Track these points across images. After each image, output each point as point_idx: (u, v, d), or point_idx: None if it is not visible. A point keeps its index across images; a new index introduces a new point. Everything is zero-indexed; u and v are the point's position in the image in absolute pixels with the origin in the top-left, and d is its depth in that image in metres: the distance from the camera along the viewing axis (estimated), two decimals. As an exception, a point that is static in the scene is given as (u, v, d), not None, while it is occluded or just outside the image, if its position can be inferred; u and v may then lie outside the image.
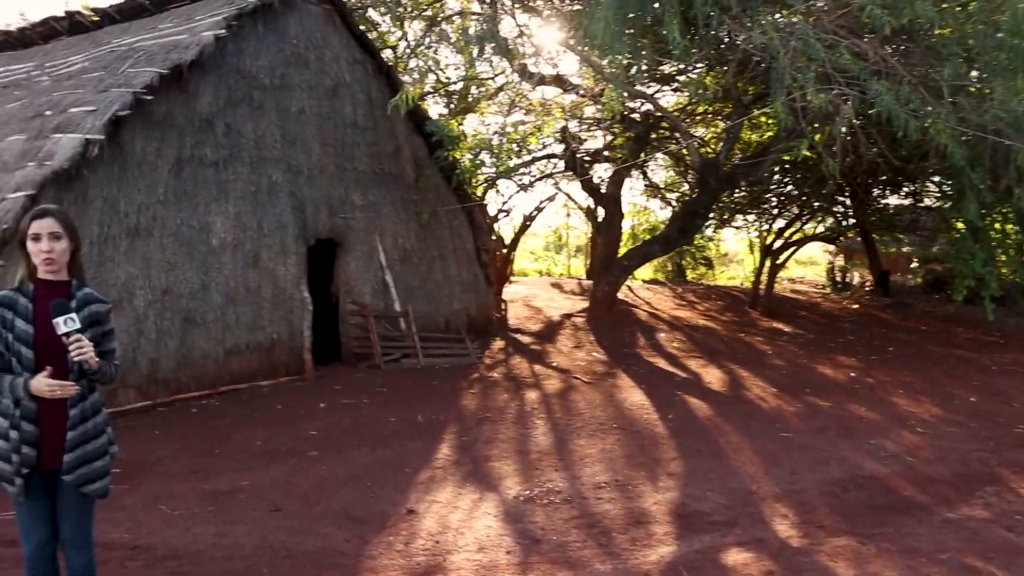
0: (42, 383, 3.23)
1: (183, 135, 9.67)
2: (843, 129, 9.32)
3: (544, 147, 17.78)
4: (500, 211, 21.56)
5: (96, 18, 12.92)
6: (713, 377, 11.57)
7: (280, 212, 10.72)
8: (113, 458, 3.58)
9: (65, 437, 3.37)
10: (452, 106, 20.01)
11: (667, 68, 13.70)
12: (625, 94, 10.40)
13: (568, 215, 35.39)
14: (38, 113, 9.53)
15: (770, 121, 15.71)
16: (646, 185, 23.51)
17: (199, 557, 5.09)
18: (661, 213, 28.51)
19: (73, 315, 3.25)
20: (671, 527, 5.75)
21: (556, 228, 38.24)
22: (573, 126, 16.39)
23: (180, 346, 9.30)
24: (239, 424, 8.39)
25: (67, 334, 3.22)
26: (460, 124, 17.11)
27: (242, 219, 10.21)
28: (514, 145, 15.64)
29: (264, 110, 10.73)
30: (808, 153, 10.44)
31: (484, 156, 14.78)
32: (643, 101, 14.68)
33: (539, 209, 25.88)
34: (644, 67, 9.72)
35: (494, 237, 19.85)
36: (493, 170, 16.04)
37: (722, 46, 11.47)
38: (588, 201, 25.89)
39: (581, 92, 13.42)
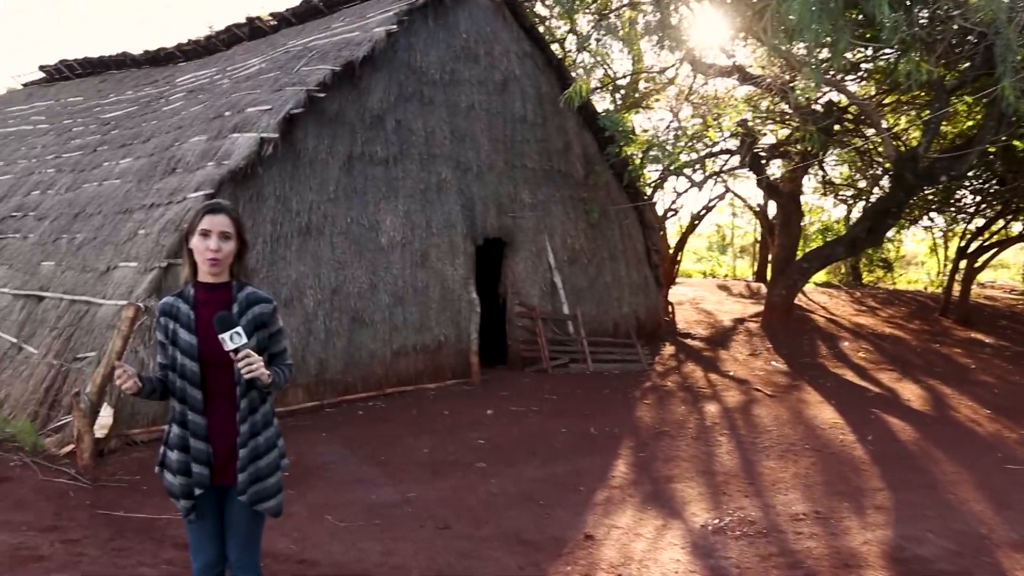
0: None
1: (354, 132, 9.56)
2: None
3: (717, 143, 16.83)
4: (669, 210, 20.75)
5: (274, 22, 13.19)
6: (911, 393, 10.42)
7: (449, 210, 10.48)
8: (284, 471, 3.26)
9: (235, 453, 3.09)
10: (618, 102, 19.38)
11: (851, 55, 12.57)
12: (820, 82, 9.44)
13: (734, 214, 34.07)
14: (218, 114, 9.68)
15: (975, 109, 14.22)
16: (822, 182, 22.05)
17: (365, 577, 4.75)
18: (834, 212, 26.92)
19: (239, 329, 2.93)
20: (888, 573, 4.93)
21: (721, 228, 36.95)
22: (749, 119, 15.37)
23: (348, 346, 9.18)
24: (405, 430, 8.13)
25: (235, 350, 2.90)
26: (629, 120, 16.46)
27: (411, 217, 10.02)
28: (690, 140, 14.81)
29: (434, 106, 10.52)
30: (1019, 143, 9.16)
31: (655, 152, 14.05)
32: (830, 90, 13.56)
33: (708, 208, 24.93)
34: (842, 51, 8.71)
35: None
36: (662, 167, 15.29)
37: (920, 24, 10.28)
38: (757, 199, 24.74)
39: (763, 82, 12.46)
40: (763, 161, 17.03)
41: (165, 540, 5.12)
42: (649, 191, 16.55)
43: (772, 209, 24.61)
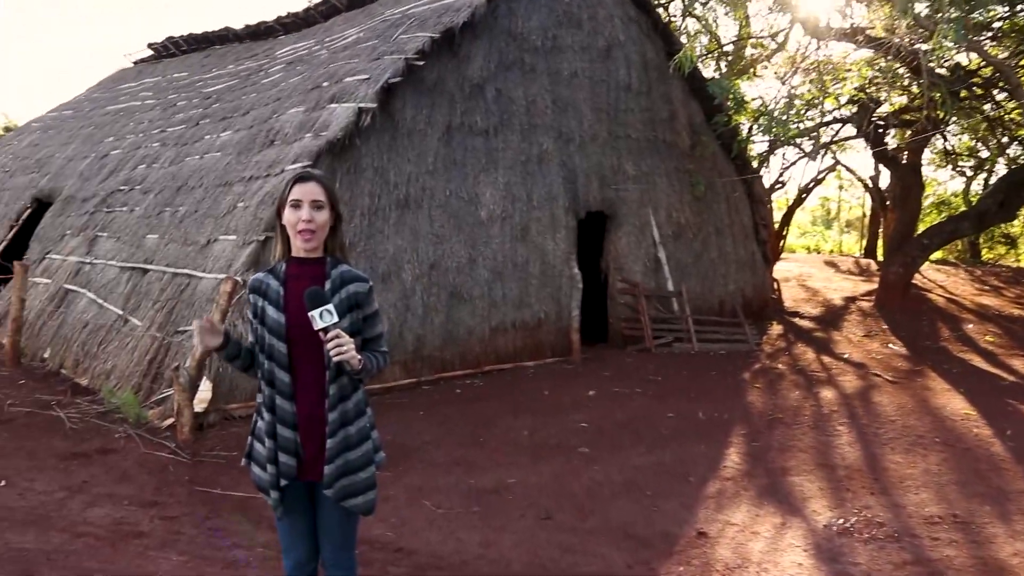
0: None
1: (453, 101, 9.28)
2: None
3: (831, 111, 15.91)
4: (776, 183, 19.87)
5: (371, -9, 13.00)
6: (1052, 383, 9.56)
7: (550, 183, 10.11)
8: (379, 466, 2.98)
9: (326, 444, 2.82)
10: (723, 70, 18.57)
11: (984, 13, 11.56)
12: (960, 42, 8.59)
13: (841, 187, 32.69)
14: (316, 85, 9.54)
15: None
16: (940, 152, 20.70)
17: (464, 569, 4.49)
18: (950, 184, 25.41)
19: (330, 307, 2.65)
20: (1046, 590, 4.38)
21: (827, 201, 35.56)
22: (869, 84, 14.41)
23: (446, 322, 8.96)
24: (504, 410, 7.86)
25: (324, 330, 2.62)
26: (739, 86, 15.69)
27: (511, 190, 9.70)
28: (804, 108, 13.98)
29: (535, 74, 10.14)
30: None
31: (765, 121, 13.31)
32: (958, 51, 12.56)
33: (817, 180, 23.89)
34: (985, 3, 7.90)
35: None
36: (772, 137, 14.52)
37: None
38: (867, 171, 23.55)
39: (887, 45, 11.57)
40: (880, 130, 16.02)
41: (261, 521, 5.00)
42: (756, 163, 15.77)
43: (884, 181, 23.44)
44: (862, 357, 10.81)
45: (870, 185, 24.74)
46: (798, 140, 14.43)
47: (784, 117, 12.53)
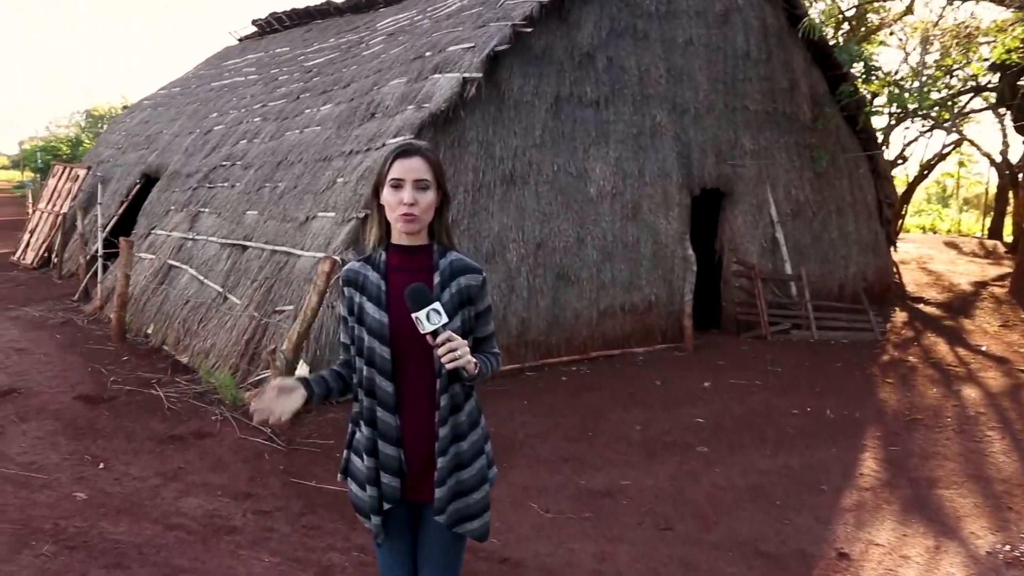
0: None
1: (562, 71, 8.75)
2: None
3: (965, 80, 14.67)
4: (899, 158, 18.59)
5: (476, -41, 12.52)
6: None
7: (663, 157, 9.48)
8: (492, 483, 2.57)
9: (433, 462, 2.40)
10: (840, 38, 17.39)
11: None
12: None
13: (962, 163, 30.67)
14: (418, 55, 9.17)
15: None
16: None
17: (577, 587, 4.04)
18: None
19: (437, 305, 2.19)
20: None
21: (949, 176, 33.49)
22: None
23: (551, 305, 8.49)
24: (613, 401, 7.34)
25: (433, 333, 2.18)
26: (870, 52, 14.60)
27: (622, 165, 9.12)
28: (944, 75, 12.85)
29: (648, 41, 9.50)
30: None
31: (891, 90, 12.29)
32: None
33: (942, 156, 22.37)
34: None
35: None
36: (900, 108, 13.44)
37: None
38: (992, 145, 21.88)
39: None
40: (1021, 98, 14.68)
41: (357, 521, 4.63)
42: (881, 137, 14.69)
43: (1014, 156, 21.76)
44: (1003, 351, 9.86)
45: (998, 160, 22.99)
46: (931, 111, 13.30)
47: (918, 85, 11.50)
